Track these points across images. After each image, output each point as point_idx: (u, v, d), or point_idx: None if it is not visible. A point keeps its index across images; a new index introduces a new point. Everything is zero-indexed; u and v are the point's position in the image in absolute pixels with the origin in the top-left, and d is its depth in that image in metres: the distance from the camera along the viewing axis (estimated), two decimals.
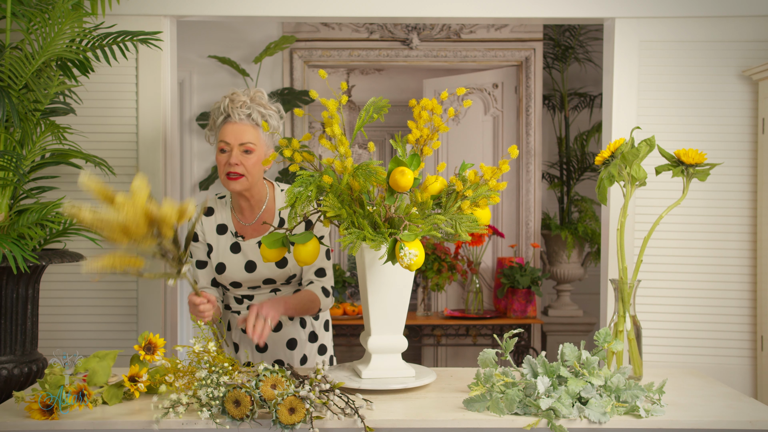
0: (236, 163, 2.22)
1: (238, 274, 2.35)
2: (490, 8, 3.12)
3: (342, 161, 1.82)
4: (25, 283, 2.27)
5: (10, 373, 2.23)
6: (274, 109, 2.28)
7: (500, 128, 4.90)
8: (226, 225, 2.37)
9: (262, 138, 2.26)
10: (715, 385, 2.05)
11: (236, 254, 2.35)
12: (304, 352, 2.46)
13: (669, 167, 2.08)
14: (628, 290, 2.04)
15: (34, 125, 2.45)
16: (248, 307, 2.39)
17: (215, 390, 1.66)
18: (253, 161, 2.24)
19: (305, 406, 1.62)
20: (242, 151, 2.23)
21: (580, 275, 4.81)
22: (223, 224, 2.37)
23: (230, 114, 2.23)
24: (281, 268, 2.34)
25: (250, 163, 2.24)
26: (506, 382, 1.80)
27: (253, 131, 2.24)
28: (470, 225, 1.84)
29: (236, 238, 2.36)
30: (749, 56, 3.07)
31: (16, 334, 2.26)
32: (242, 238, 2.36)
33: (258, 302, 2.31)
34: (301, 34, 4.75)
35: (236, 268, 2.35)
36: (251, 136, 2.23)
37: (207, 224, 2.37)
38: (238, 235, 2.36)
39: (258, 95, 2.27)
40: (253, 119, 2.23)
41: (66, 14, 2.33)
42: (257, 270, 2.34)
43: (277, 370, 1.71)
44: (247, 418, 1.64)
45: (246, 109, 2.23)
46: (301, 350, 2.45)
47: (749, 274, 3.07)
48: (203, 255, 2.38)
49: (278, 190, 2.39)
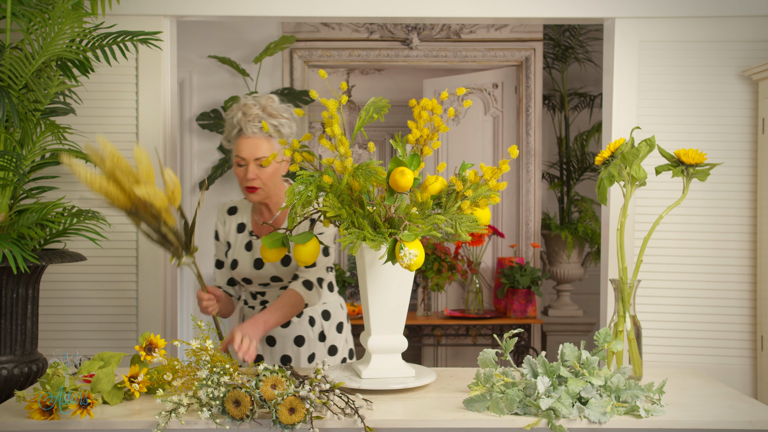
0: (253, 177, 2.29)
1: (248, 271, 2.44)
2: (490, 8, 3.12)
3: (342, 161, 1.82)
4: (25, 283, 2.27)
5: (10, 373, 2.23)
6: (286, 117, 2.32)
7: (500, 128, 4.90)
8: (245, 224, 2.49)
9: (276, 148, 2.32)
10: (715, 385, 2.05)
11: (248, 252, 2.45)
12: (313, 350, 2.50)
13: (669, 167, 2.08)
14: (628, 290, 2.04)
15: (34, 125, 2.45)
16: (261, 303, 2.50)
17: (215, 390, 1.66)
18: (269, 173, 2.32)
19: (305, 406, 1.62)
20: (258, 165, 2.29)
21: (580, 275, 4.81)
22: (243, 223, 2.49)
23: (243, 128, 2.28)
24: (285, 266, 2.41)
25: (266, 175, 2.31)
26: (506, 382, 1.80)
27: (267, 144, 2.29)
28: (470, 225, 1.84)
29: (251, 236, 2.47)
30: (749, 56, 3.07)
31: (16, 334, 2.26)
32: (256, 237, 2.46)
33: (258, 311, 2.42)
34: (301, 34, 4.75)
35: (247, 265, 2.45)
36: (265, 149, 2.29)
37: (229, 223, 2.50)
38: (252, 233, 2.47)
39: (269, 104, 2.30)
40: (267, 132, 2.28)
41: (66, 14, 2.33)
42: (264, 267, 2.42)
43: (277, 370, 1.71)
44: (247, 418, 1.64)
45: (258, 122, 2.27)
46: (309, 348, 2.49)
47: (749, 274, 3.07)
48: (222, 255, 2.52)
49: None
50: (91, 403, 1.65)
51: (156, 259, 3.10)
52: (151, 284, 3.09)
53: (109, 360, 1.83)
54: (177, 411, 1.65)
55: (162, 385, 1.84)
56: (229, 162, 4.50)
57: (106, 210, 3.01)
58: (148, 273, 3.09)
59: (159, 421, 1.64)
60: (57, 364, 1.76)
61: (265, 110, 2.29)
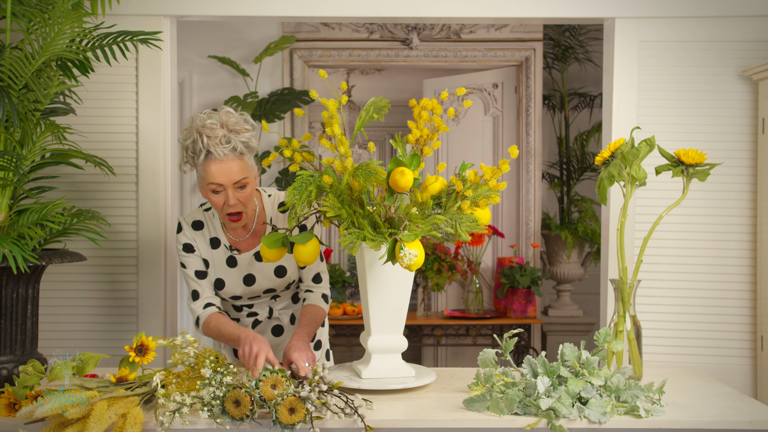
0: (235, 203, 2.11)
1: (238, 289, 2.28)
2: (490, 8, 3.12)
3: (342, 161, 1.82)
4: (25, 283, 2.27)
5: (10, 373, 2.23)
6: (248, 128, 2.12)
7: (500, 128, 4.90)
8: (218, 238, 2.27)
9: (249, 165, 2.13)
10: (715, 385, 2.04)
11: (233, 268, 2.27)
12: None
13: (669, 167, 2.08)
14: (628, 290, 2.04)
15: (34, 125, 2.45)
16: (249, 314, 2.37)
17: (217, 389, 1.67)
18: (248, 192, 2.14)
19: (305, 407, 1.63)
20: (236, 188, 2.11)
21: (580, 275, 4.81)
22: (216, 237, 2.28)
23: (211, 151, 2.06)
24: (281, 278, 2.29)
25: (245, 195, 2.14)
26: (506, 382, 1.80)
27: (240, 164, 2.09)
28: (470, 225, 1.84)
29: (231, 251, 2.27)
30: (749, 56, 3.07)
31: (16, 334, 2.26)
32: (237, 251, 2.27)
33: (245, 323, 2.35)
34: (301, 34, 4.75)
35: (235, 282, 2.27)
36: (242, 170, 2.09)
37: (199, 238, 2.27)
38: (232, 248, 2.27)
39: (230, 120, 2.09)
40: (238, 151, 2.09)
41: (66, 14, 2.33)
42: (257, 282, 2.28)
43: (277, 370, 1.71)
44: (247, 418, 1.64)
45: (226, 143, 2.07)
46: (288, 337, 2.39)
47: (749, 274, 3.07)
48: (201, 265, 2.27)
49: (265, 196, 2.31)
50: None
51: (156, 259, 3.10)
52: (151, 284, 3.09)
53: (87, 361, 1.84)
54: (180, 411, 1.65)
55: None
56: None
57: (106, 210, 3.03)
58: (148, 273, 3.09)
59: (164, 421, 1.64)
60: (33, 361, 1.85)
61: (229, 128, 2.08)
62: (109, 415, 1.61)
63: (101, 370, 2.17)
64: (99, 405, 1.62)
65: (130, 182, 3.09)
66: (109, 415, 1.61)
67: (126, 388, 1.73)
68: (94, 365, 1.85)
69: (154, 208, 3.08)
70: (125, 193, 3.08)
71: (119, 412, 1.62)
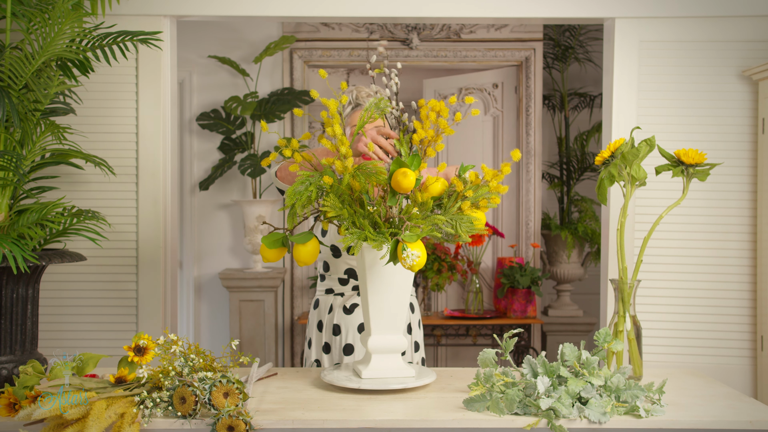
0: None
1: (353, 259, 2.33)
2: (490, 8, 3.12)
3: (342, 161, 1.82)
4: (25, 283, 2.27)
5: (10, 373, 2.23)
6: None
7: (500, 128, 4.90)
8: None
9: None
10: (715, 385, 2.05)
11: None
12: None
13: (669, 167, 2.08)
14: (628, 290, 2.04)
15: (34, 125, 2.45)
16: (353, 288, 2.40)
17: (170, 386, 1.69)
18: None
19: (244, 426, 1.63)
20: None
21: (580, 275, 4.81)
22: None
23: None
24: None
25: None
26: (506, 382, 1.80)
27: None
28: (470, 226, 1.84)
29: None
30: (749, 56, 3.07)
31: (16, 334, 2.26)
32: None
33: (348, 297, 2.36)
34: (301, 34, 4.75)
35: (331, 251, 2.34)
36: None
37: None
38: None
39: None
40: None
41: (66, 14, 2.33)
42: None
43: (234, 380, 1.70)
44: (189, 417, 1.66)
45: None
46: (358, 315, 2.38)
47: (749, 275, 3.07)
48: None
49: None
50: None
51: (156, 259, 3.10)
52: (151, 284, 3.09)
53: (87, 361, 1.84)
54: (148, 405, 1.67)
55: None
56: (229, 162, 4.50)
57: (106, 210, 3.03)
58: (148, 273, 3.09)
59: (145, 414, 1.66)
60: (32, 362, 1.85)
61: None
62: (108, 414, 1.61)
63: (101, 370, 2.17)
64: (98, 405, 1.62)
65: (130, 182, 3.09)
66: (108, 414, 1.61)
67: (125, 388, 1.73)
68: (93, 365, 1.85)
69: (154, 208, 3.08)
70: (125, 193, 3.08)
71: (118, 411, 1.63)
